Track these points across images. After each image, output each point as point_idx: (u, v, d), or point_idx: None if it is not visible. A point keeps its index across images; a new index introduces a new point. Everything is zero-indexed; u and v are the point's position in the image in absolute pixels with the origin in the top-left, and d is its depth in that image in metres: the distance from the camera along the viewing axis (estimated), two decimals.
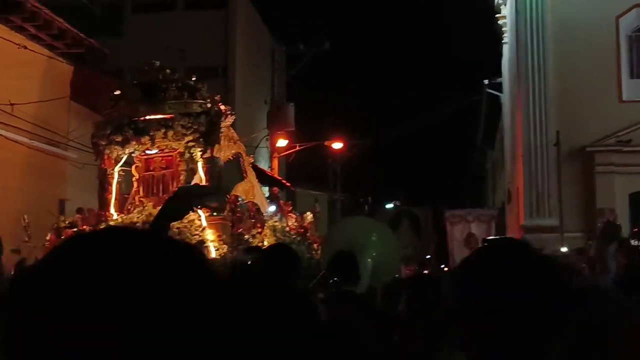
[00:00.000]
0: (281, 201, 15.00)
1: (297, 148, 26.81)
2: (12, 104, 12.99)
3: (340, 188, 34.49)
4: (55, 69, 15.75)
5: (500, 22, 25.35)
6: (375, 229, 8.34)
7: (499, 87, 27.68)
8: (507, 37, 25.03)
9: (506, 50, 25.85)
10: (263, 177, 17.32)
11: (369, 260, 6.76)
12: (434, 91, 60.24)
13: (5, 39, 13.22)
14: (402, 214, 26.07)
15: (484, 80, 27.92)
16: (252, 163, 14.12)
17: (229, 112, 11.15)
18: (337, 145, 27.99)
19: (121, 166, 11.22)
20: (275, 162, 25.55)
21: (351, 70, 67.28)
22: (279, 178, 22.74)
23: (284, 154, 26.67)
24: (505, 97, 26.76)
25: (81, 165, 15.25)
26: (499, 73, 27.79)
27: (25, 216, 11.14)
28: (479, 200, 39.06)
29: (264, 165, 24.78)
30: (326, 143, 27.81)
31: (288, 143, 26.19)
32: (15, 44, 13.50)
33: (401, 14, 72.36)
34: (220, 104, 11.11)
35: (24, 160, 14.31)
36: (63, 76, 16.15)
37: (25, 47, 13.80)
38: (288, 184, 23.33)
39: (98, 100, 16.82)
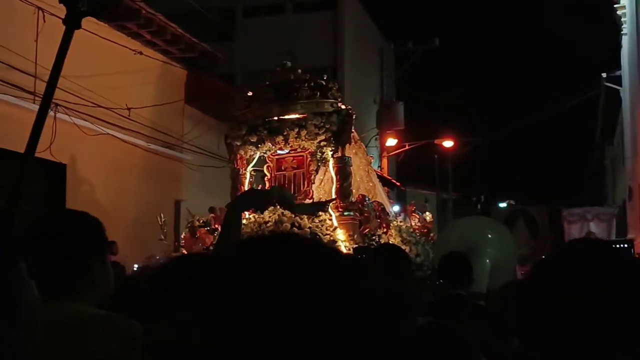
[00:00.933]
0: (391, 200, 14.89)
1: (407, 147, 26.60)
2: (129, 108, 13.45)
3: (451, 187, 34.01)
4: (170, 74, 16.21)
5: (619, 12, 24.26)
6: (492, 228, 8.11)
7: (618, 80, 26.50)
8: (626, 28, 23.95)
9: (625, 41, 24.74)
10: None
11: (487, 260, 6.56)
12: (550, 86, 58.54)
13: (122, 45, 13.70)
14: (517, 213, 25.34)
15: (602, 74, 26.80)
16: None
17: (350, 112, 11.17)
18: (448, 143, 27.53)
19: (252, 166, 11.44)
20: (385, 162, 25.44)
21: (462, 67, 66.23)
22: (389, 177, 22.61)
23: (393, 153, 26.52)
24: (624, 91, 25.59)
25: (195, 167, 15.65)
26: (617, 66, 26.62)
27: (162, 214, 11.50)
28: (598, 198, 37.60)
29: (373, 164, 24.67)
30: (436, 141, 27.43)
31: (397, 142, 26.03)
32: (131, 50, 13.98)
33: (513, 6, 70.69)
34: (342, 104, 11.15)
35: (141, 163, 14.79)
36: (177, 80, 16.61)
37: (141, 53, 14.27)
38: (398, 184, 23.17)
39: (211, 104, 17.24)
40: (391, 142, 25.67)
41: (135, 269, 10.33)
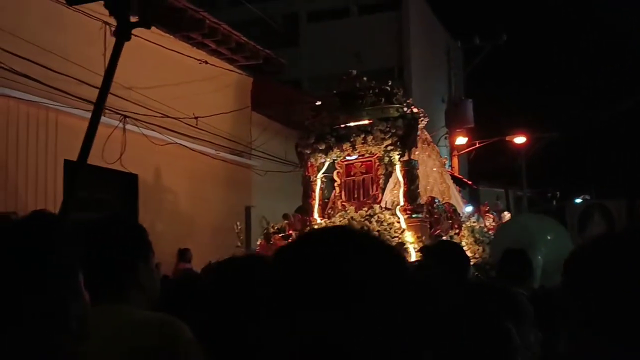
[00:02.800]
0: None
1: (478, 145, 26.21)
2: (196, 117, 13.62)
3: (525, 184, 33.35)
4: (236, 81, 16.36)
5: None
6: (549, 226, 7.99)
7: None
8: None
9: None
10: None
11: (540, 257, 6.46)
12: (622, 77, 56.85)
13: (187, 55, 13.89)
14: (592, 207, 24.60)
15: None
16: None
17: (422, 115, 11.28)
18: (520, 139, 27.03)
19: (323, 173, 11.67)
20: (456, 161, 25.11)
21: (531, 62, 64.96)
22: (460, 177, 22.31)
23: (464, 151, 26.16)
24: None
25: (263, 172, 15.75)
26: None
27: (238, 223, 11.83)
28: None
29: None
30: (508, 138, 26.95)
31: (468, 140, 25.68)
32: (196, 59, 14.16)
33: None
34: (413, 107, 11.29)
35: (211, 170, 14.95)
36: (243, 87, 16.75)
37: (207, 62, 14.43)
38: (470, 182, 22.84)
39: (278, 109, 17.34)
40: (461, 140, 25.33)
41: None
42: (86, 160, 2.78)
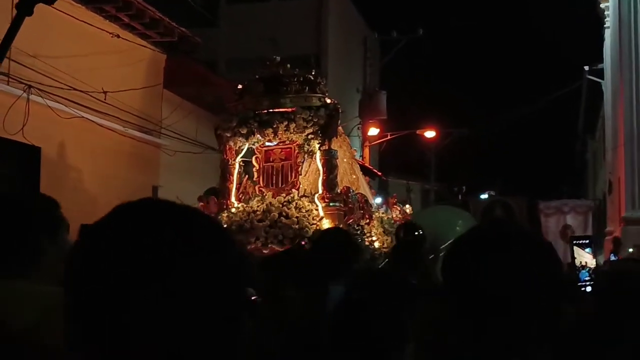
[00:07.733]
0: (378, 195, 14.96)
1: (389, 137, 26.55)
2: (105, 92, 13.27)
3: (433, 178, 34.05)
4: (149, 58, 16.02)
5: (602, 5, 24.35)
6: (461, 218, 8.21)
7: (600, 73, 26.60)
8: (609, 21, 24.02)
9: (608, 34, 24.82)
10: None
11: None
12: (533, 78, 58.69)
13: (99, 28, 13.50)
14: (495, 203, 25.43)
15: (585, 67, 26.86)
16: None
17: (337, 106, 11.37)
18: (430, 134, 27.56)
19: (241, 157, 11.60)
20: (367, 151, 25.38)
21: (446, 58, 66.25)
22: (370, 167, 22.57)
23: (375, 142, 26.46)
24: (606, 84, 25.70)
25: (173, 152, 15.51)
26: (600, 59, 26.71)
27: None
28: (579, 190, 37.83)
29: (355, 154, 24.67)
30: (418, 132, 27.42)
31: (380, 132, 25.98)
32: (108, 32, 13.77)
33: None
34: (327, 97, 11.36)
35: (118, 147, 14.61)
36: (156, 64, 16.42)
37: (118, 36, 14.06)
38: (379, 173, 23.15)
39: (191, 89, 17.09)
40: (373, 131, 25.61)
41: None
42: None
